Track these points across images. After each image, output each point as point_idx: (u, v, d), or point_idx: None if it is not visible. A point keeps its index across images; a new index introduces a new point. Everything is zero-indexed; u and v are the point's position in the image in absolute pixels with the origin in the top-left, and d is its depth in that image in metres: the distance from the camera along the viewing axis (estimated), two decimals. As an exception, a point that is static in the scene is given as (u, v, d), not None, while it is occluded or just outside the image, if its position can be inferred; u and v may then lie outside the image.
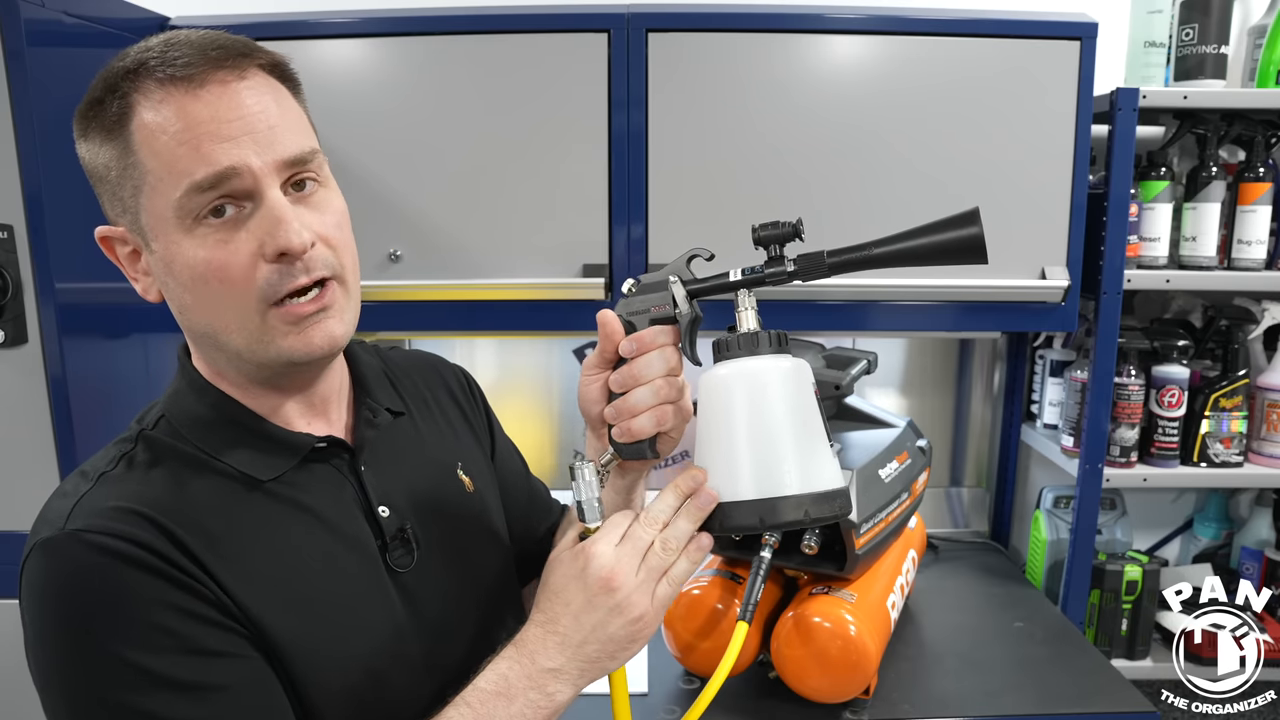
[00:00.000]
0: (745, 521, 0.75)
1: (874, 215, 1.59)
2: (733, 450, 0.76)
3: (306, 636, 0.74)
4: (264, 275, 0.72)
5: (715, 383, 0.77)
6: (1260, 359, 1.81)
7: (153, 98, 0.70)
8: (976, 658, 1.56)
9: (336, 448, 0.83)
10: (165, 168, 0.70)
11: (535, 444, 2.11)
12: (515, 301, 1.61)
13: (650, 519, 0.77)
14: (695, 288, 0.81)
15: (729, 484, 0.76)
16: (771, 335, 0.77)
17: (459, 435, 0.99)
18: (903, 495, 1.51)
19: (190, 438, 0.77)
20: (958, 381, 2.15)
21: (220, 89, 0.71)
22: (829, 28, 1.56)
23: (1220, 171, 1.68)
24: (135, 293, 0.77)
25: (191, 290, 0.73)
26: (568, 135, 1.57)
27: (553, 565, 0.79)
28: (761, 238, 0.78)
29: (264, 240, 0.71)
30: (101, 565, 0.68)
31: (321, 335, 0.75)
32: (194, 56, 0.70)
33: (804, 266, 0.77)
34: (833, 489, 0.75)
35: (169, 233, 0.72)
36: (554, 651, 0.75)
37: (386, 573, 0.82)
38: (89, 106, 0.73)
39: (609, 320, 0.82)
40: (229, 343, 0.75)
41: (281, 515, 0.77)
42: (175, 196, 0.70)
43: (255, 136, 0.71)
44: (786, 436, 0.75)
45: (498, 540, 0.97)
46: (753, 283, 0.79)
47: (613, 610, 0.74)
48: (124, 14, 1.52)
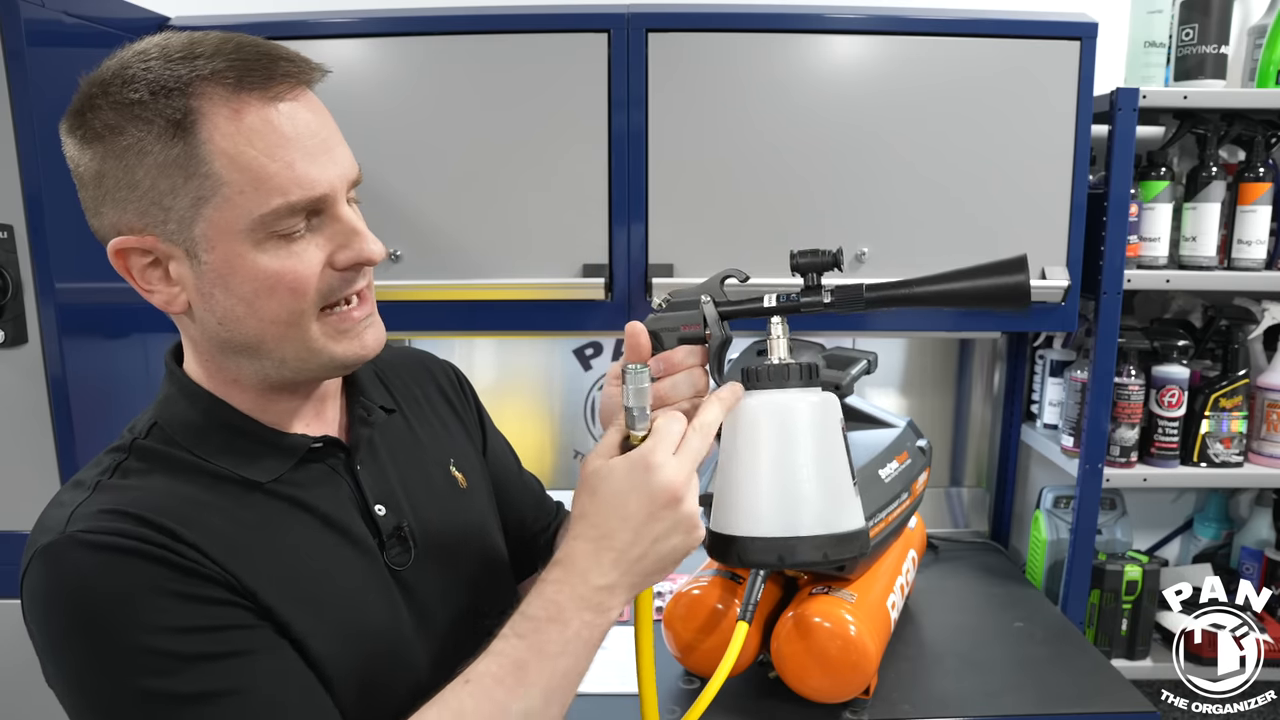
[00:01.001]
0: (764, 559, 0.75)
1: (874, 215, 1.60)
2: (755, 486, 0.75)
3: (314, 634, 0.74)
4: (328, 282, 0.74)
5: (742, 413, 0.77)
6: (1260, 359, 1.81)
7: (226, 105, 0.68)
8: (976, 658, 1.56)
9: (332, 447, 0.83)
10: (251, 182, 0.69)
11: (535, 444, 2.11)
12: (515, 301, 1.61)
13: (704, 428, 0.75)
14: (728, 310, 0.80)
15: (749, 520, 0.75)
16: (802, 368, 0.76)
17: (451, 432, 0.99)
18: (903, 495, 1.51)
19: (184, 444, 0.77)
20: (958, 381, 2.15)
21: (293, 104, 0.71)
22: (829, 28, 1.56)
23: (1220, 171, 1.68)
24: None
25: (248, 301, 0.72)
26: (568, 135, 1.57)
27: (601, 473, 0.74)
28: (800, 265, 0.77)
29: (337, 250, 0.74)
30: (105, 561, 0.67)
31: (373, 338, 0.79)
32: (269, 67, 0.70)
33: (841, 299, 0.76)
34: (853, 530, 0.75)
35: (233, 244, 0.70)
36: (608, 567, 0.72)
37: (384, 570, 0.82)
38: (127, 105, 0.68)
39: (638, 333, 0.80)
40: (273, 351, 0.75)
41: (282, 515, 0.77)
42: (260, 212, 0.69)
43: (333, 155, 0.73)
44: (810, 475, 0.75)
45: (492, 536, 0.98)
46: (788, 310, 0.78)
47: (676, 524, 0.73)
48: (124, 14, 1.52)
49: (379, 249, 0.75)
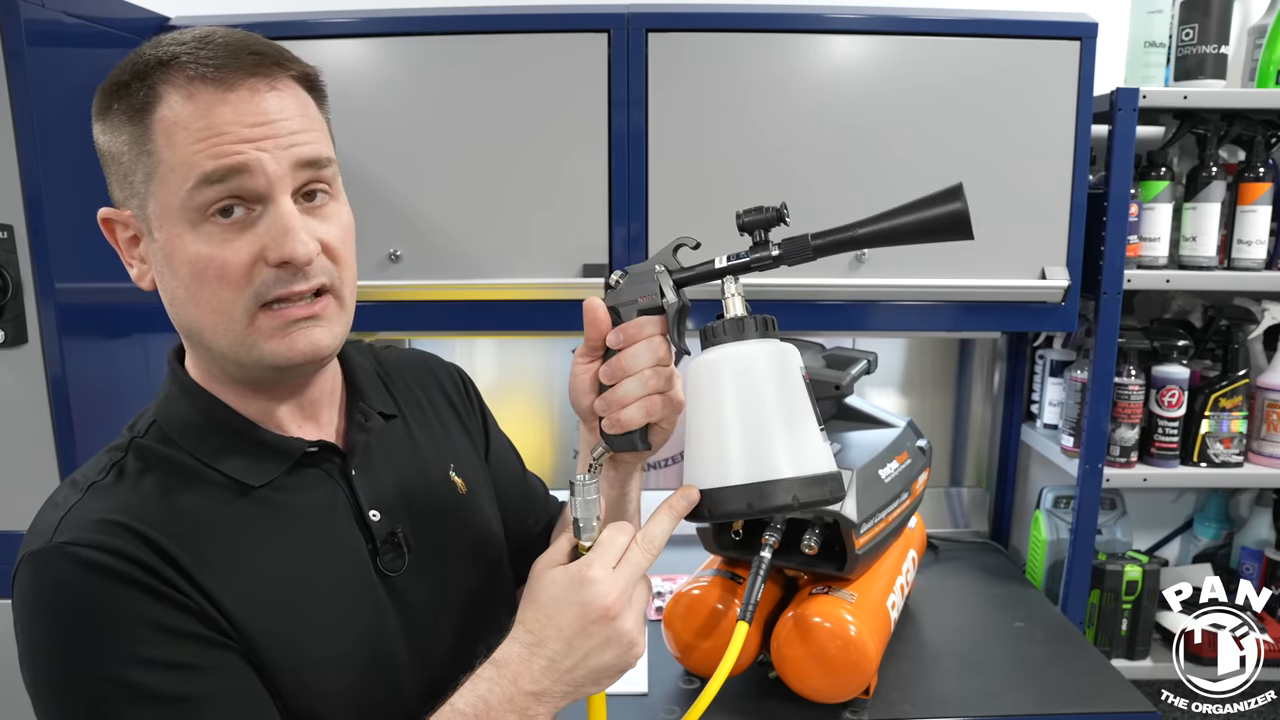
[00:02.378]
0: (735, 507, 0.74)
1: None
2: (721, 436, 0.75)
3: (293, 644, 0.74)
4: (261, 278, 0.72)
5: (702, 369, 0.77)
6: (1260, 359, 1.81)
7: (180, 92, 0.70)
8: (976, 658, 1.56)
9: (327, 452, 0.83)
10: (180, 160, 0.70)
11: (535, 444, 2.11)
12: (515, 301, 1.61)
13: (648, 543, 0.75)
14: (681, 276, 0.81)
15: (718, 470, 0.75)
16: (758, 320, 0.76)
17: (452, 436, 0.98)
18: (903, 495, 1.51)
19: (182, 444, 0.77)
20: (958, 381, 2.15)
21: (249, 94, 0.71)
22: (829, 28, 1.56)
23: (1220, 171, 1.68)
24: (135, 292, 0.78)
25: (186, 285, 0.73)
26: (568, 135, 1.57)
27: (542, 581, 0.74)
28: (746, 223, 0.78)
29: (268, 245, 0.71)
30: (86, 580, 0.68)
31: (306, 342, 0.75)
32: (228, 59, 0.71)
33: (789, 250, 0.77)
34: (823, 472, 0.74)
35: (174, 224, 0.72)
36: (539, 674, 0.72)
37: (377, 576, 0.82)
38: (114, 88, 0.73)
39: (595, 309, 0.81)
40: (213, 342, 0.75)
41: (271, 521, 0.77)
42: (185, 188, 0.70)
43: (276, 141, 0.72)
44: (775, 420, 0.74)
45: (491, 541, 0.97)
46: (738, 269, 0.79)
47: (609, 640, 0.72)
48: (124, 14, 1.52)
49: (304, 250, 0.71)
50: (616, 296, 0.82)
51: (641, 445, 0.82)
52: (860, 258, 1.59)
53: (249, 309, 0.73)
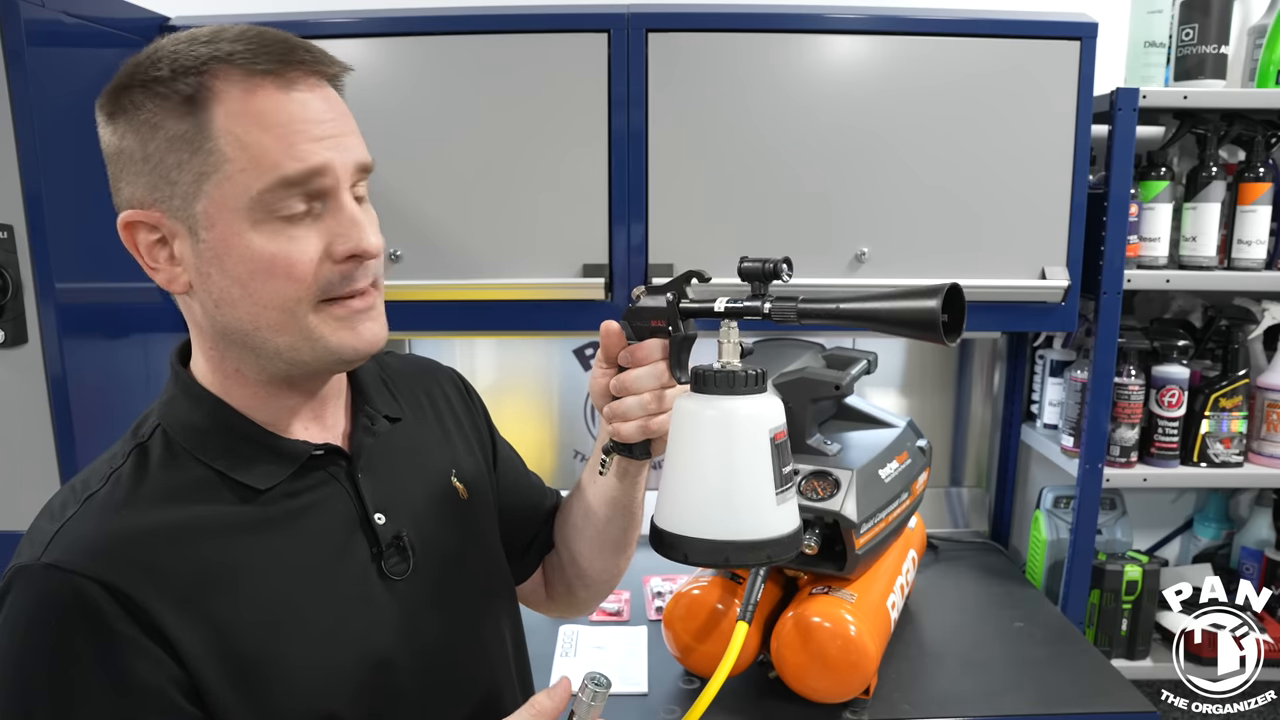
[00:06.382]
0: (708, 561, 0.79)
1: (874, 215, 1.60)
2: (700, 489, 0.78)
3: (291, 653, 0.74)
4: (327, 274, 0.73)
5: (686, 417, 0.79)
6: (1260, 359, 1.81)
7: (239, 87, 0.70)
8: (976, 658, 1.56)
9: (333, 455, 0.82)
10: (252, 159, 0.70)
11: (535, 444, 2.11)
12: (515, 301, 1.61)
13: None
14: (685, 308, 0.84)
15: (694, 519, 0.78)
16: (748, 375, 0.77)
17: (453, 441, 0.98)
18: (903, 495, 1.51)
19: (186, 447, 0.77)
20: (958, 381, 2.15)
21: (309, 92, 0.72)
22: (829, 28, 1.56)
23: (1220, 171, 1.68)
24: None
25: (244, 283, 0.72)
26: (568, 135, 1.57)
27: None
28: (745, 271, 0.80)
29: (334, 240, 0.73)
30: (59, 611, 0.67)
31: (370, 333, 0.78)
32: (286, 55, 0.71)
33: (776, 310, 0.79)
34: (788, 533, 0.78)
35: (233, 223, 0.71)
36: None
37: (381, 580, 0.82)
38: (149, 82, 0.70)
39: (609, 329, 0.87)
40: (268, 340, 0.74)
41: (274, 527, 0.77)
42: (258, 188, 0.70)
43: (340, 141, 0.73)
44: (751, 483, 0.77)
45: (492, 546, 0.98)
46: (733, 315, 0.81)
47: None
48: (124, 14, 1.52)
49: (377, 242, 0.75)
50: (635, 314, 0.87)
51: (640, 454, 0.90)
52: (860, 257, 1.59)
53: (312, 305, 0.74)
